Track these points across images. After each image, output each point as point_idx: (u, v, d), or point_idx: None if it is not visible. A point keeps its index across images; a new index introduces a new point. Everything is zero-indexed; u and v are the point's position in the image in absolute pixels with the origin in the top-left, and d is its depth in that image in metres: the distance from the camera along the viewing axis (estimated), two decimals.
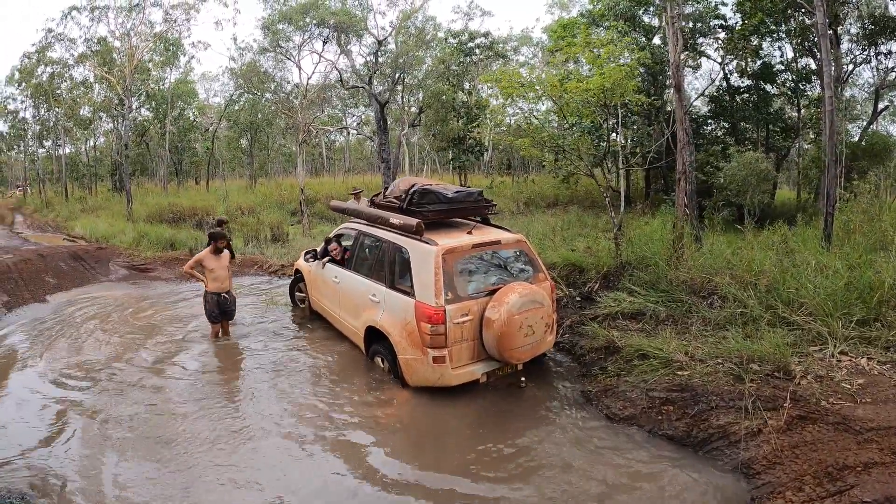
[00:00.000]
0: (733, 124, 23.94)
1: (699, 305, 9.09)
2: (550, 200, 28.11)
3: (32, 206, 44.45)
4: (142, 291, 14.86)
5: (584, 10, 26.92)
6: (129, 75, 30.08)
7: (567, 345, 9.47)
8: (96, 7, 31.23)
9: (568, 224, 17.70)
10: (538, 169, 38.72)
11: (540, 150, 13.21)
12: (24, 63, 39.95)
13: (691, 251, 10.92)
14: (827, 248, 10.67)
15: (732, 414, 6.26)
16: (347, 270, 9.76)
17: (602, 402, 7.40)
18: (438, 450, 6.56)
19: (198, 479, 5.93)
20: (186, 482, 5.88)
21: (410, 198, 8.76)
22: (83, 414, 7.49)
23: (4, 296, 13.86)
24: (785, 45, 24.04)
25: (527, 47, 45.33)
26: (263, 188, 38.60)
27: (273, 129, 44.35)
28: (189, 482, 5.88)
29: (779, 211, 19.31)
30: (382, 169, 27.64)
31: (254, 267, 16.99)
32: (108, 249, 20.06)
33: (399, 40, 28.24)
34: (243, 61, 28.46)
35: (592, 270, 11.65)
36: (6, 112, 45.69)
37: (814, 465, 5.30)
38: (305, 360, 9.43)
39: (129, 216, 27.78)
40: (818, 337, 7.59)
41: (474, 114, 30.53)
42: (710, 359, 7.36)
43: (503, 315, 7.39)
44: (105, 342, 10.43)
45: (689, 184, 12.39)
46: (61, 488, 5.77)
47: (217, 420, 7.26)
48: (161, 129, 43.15)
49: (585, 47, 12.40)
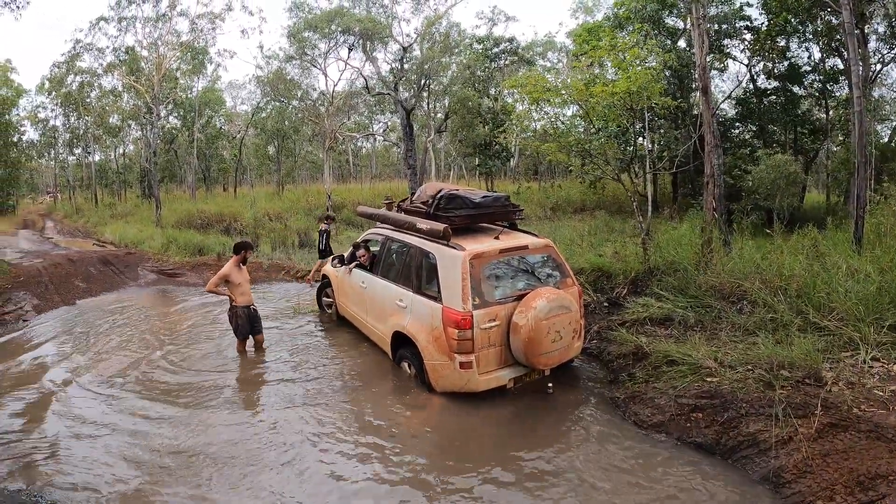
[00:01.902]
0: (761, 127, 23.73)
1: (728, 311, 9.01)
2: (577, 205, 28.05)
3: (62, 212, 45.30)
4: (172, 295, 15.05)
5: (610, 14, 26.79)
6: (157, 84, 30.52)
7: (595, 350, 9.42)
8: (124, 18, 31.78)
9: (595, 229, 17.66)
10: (565, 174, 38.62)
11: (566, 154, 13.21)
12: (53, 72, 40.84)
13: (720, 256, 10.82)
14: (858, 251, 10.53)
15: (762, 421, 6.19)
16: (374, 276, 9.77)
17: (630, 409, 7.35)
18: (465, 456, 6.55)
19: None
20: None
21: (437, 203, 8.78)
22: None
23: (35, 299, 14.10)
24: (812, 46, 23.77)
25: (551, 52, 45.25)
26: (291, 194, 38.85)
27: (300, 136, 44.63)
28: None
29: (808, 214, 19.06)
30: (409, 175, 27.74)
31: (281, 272, 17.11)
32: (137, 254, 20.39)
33: (424, 47, 28.39)
34: (270, 69, 28.83)
35: (620, 276, 11.61)
36: (37, 120, 46.56)
37: (845, 474, 5.23)
38: (333, 366, 9.49)
39: (158, 222, 28.19)
40: (849, 342, 7.49)
41: (500, 119, 30.53)
42: (740, 365, 7.29)
43: (531, 320, 7.37)
44: (133, 346, 10.57)
45: (717, 187, 12.30)
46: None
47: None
48: (189, 137, 43.71)
49: (611, 51, 12.37)
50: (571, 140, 12.85)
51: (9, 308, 13.39)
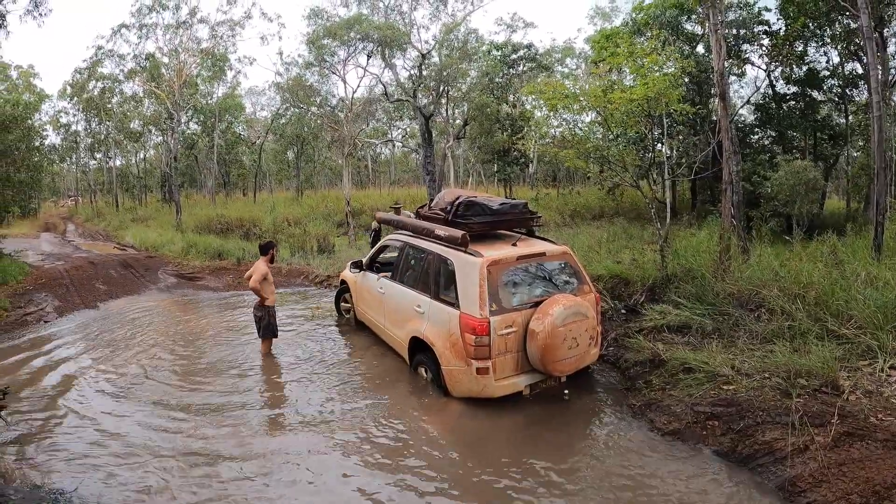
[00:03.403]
0: (780, 132, 23.51)
1: (746, 318, 8.97)
2: (596, 212, 27.97)
3: (83, 216, 45.86)
4: (193, 300, 15.22)
5: (628, 19, 26.71)
6: (177, 90, 30.90)
7: (612, 358, 9.45)
8: (144, 25, 32.19)
9: (613, 236, 17.62)
10: (583, 181, 38.51)
11: (585, 161, 13.21)
12: (75, 78, 41.37)
13: (738, 263, 10.79)
14: (877, 258, 10.47)
15: (779, 430, 6.19)
16: (393, 281, 9.86)
17: (646, 416, 7.38)
18: (482, 462, 6.59)
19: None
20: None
21: (455, 210, 8.88)
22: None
23: (56, 301, 14.29)
24: (830, 50, 23.59)
25: (570, 58, 45.18)
26: (310, 200, 39.06)
27: (319, 142, 44.81)
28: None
29: (828, 221, 18.95)
30: (427, 181, 27.80)
31: (300, 277, 17.23)
32: (157, 258, 20.64)
33: (443, 53, 28.44)
34: (289, 76, 28.97)
35: (638, 282, 11.60)
36: (59, 125, 47.17)
37: (861, 484, 5.23)
38: (351, 369, 9.63)
39: (178, 226, 28.54)
40: (868, 351, 7.48)
41: (519, 126, 30.50)
42: (757, 373, 7.30)
43: (547, 327, 7.43)
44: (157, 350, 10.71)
45: (735, 194, 12.25)
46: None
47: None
48: (209, 143, 44.13)
49: (629, 57, 12.37)
50: (590, 146, 12.84)
51: (30, 309, 13.60)
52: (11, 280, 16.11)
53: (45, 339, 11.75)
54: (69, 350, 10.99)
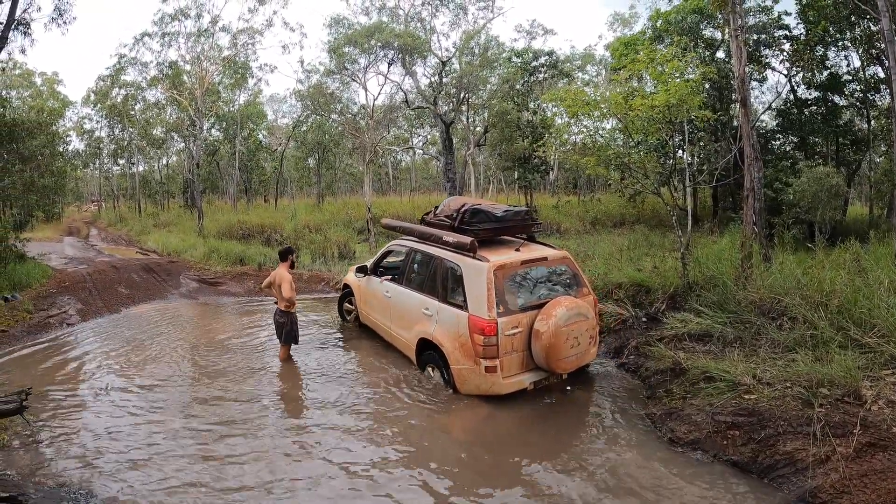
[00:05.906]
0: (802, 138, 23.29)
1: (768, 327, 8.92)
2: (617, 219, 27.95)
3: (106, 221, 46.38)
4: (215, 305, 15.38)
5: (648, 26, 26.64)
6: (199, 97, 31.22)
7: (632, 366, 9.47)
8: (167, 33, 32.57)
9: (634, 243, 17.61)
10: (604, 188, 38.43)
11: (605, 168, 13.21)
12: (99, 85, 41.95)
13: (760, 271, 10.74)
14: None
15: (800, 440, 6.17)
16: (399, 285, 10.18)
17: (666, 425, 7.38)
18: (494, 465, 6.67)
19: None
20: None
21: (462, 217, 9.25)
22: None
23: (79, 304, 14.48)
24: (851, 54, 23.37)
25: (590, 65, 45.08)
26: (331, 207, 39.16)
27: (340, 149, 44.91)
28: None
29: (850, 228, 18.76)
30: (448, 188, 27.91)
31: (320, 283, 17.33)
32: (179, 263, 20.84)
33: (463, 61, 28.52)
34: (310, 83, 29.12)
35: (659, 290, 11.61)
36: (83, 131, 47.80)
37: (883, 495, 5.21)
38: (361, 371, 9.79)
39: (200, 232, 28.78)
40: (891, 360, 7.40)
41: (539, 133, 30.46)
42: (779, 382, 7.27)
43: (551, 327, 7.87)
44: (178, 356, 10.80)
45: (757, 201, 12.18)
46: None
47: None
48: (231, 149, 44.46)
49: (649, 63, 12.36)
50: (610, 153, 12.82)
51: (53, 312, 13.79)
52: (35, 283, 16.40)
53: (68, 342, 11.93)
54: (91, 352, 11.16)
